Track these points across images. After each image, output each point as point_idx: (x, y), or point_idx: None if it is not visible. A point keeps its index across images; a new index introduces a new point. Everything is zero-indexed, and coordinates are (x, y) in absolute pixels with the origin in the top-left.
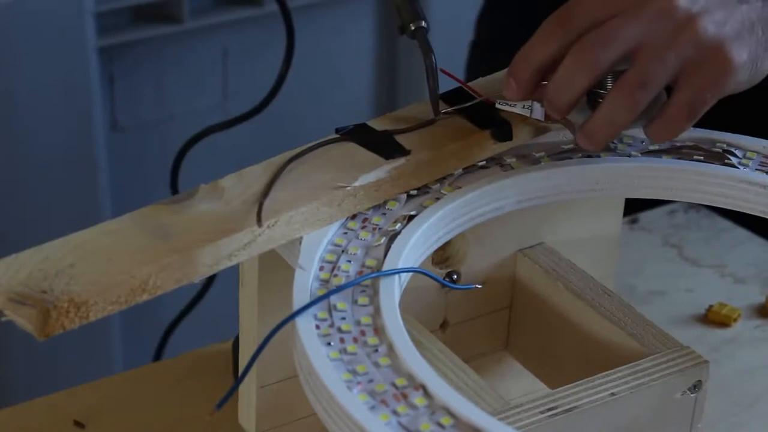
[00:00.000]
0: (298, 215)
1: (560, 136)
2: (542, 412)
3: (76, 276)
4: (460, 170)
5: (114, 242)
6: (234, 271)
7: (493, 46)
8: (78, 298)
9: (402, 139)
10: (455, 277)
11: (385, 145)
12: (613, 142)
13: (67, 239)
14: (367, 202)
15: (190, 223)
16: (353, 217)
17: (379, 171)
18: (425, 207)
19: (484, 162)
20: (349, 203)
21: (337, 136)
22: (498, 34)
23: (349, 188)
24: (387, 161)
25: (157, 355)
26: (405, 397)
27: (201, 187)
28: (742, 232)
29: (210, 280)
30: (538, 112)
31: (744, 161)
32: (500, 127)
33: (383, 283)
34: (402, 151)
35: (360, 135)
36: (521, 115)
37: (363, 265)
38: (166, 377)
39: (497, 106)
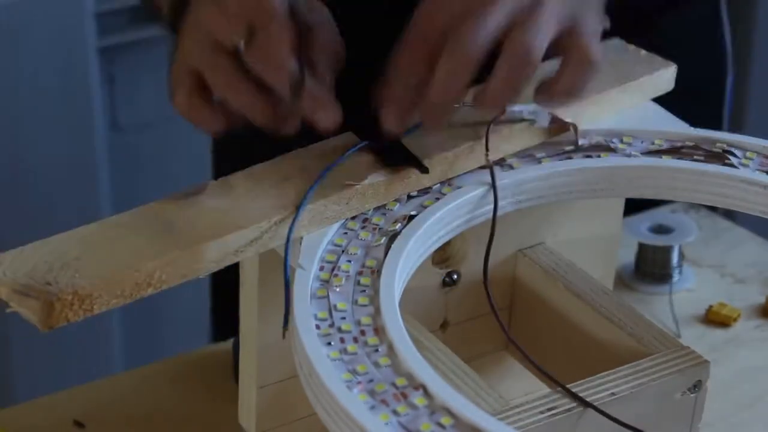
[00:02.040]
0: (305, 213)
1: (561, 136)
2: (542, 412)
3: (82, 269)
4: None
5: (120, 236)
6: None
7: None
8: (82, 291)
9: (413, 142)
10: (455, 277)
11: (399, 157)
12: (612, 142)
13: (74, 232)
14: (375, 201)
15: (198, 219)
16: (353, 217)
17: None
18: (425, 207)
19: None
20: (357, 201)
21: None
22: None
23: (358, 186)
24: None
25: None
26: (405, 397)
27: (210, 183)
28: (742, 232)
29: None
30: (543, 118)
31: (744, 161)
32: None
33: (383, 283)
34: (420, 167)
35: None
36: (527, 120)
37: (363, 265)
38: (166, 377)
39: (507, 113)
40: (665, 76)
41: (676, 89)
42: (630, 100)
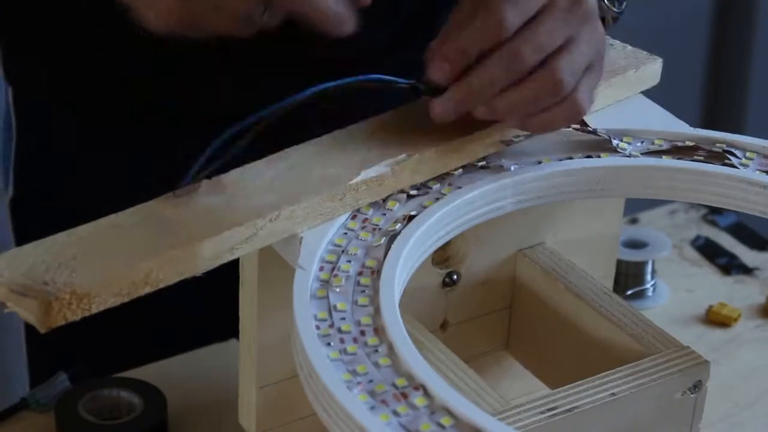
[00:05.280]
0: (299, 209)
1: (561, 136)
2: (542, 412)
3: (79, 268)
4: (460, 170)
5: (117, 235)
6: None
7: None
8: (80, 290)
9: (402, 133)
10: (455, 277)
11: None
12: (612, 142)
13: (70, 232)
14: (368, 197)
15: (193, 217)
16: (353, 217)
17: (380, 166)
18: (425, 207)
19: (485, 162)
20: (351, 198)
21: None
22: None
23: (351, 182)
24: (390, 156)
25: None
26: (405, 397)
27: (204, 182)
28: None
29: None
30: None
31: (744, 161)
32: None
33: (383, 284)
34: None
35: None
36: None
37: (363, 266)
38: (166, 377)
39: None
40: (651, 70)
41: None
42: (616, 95)
